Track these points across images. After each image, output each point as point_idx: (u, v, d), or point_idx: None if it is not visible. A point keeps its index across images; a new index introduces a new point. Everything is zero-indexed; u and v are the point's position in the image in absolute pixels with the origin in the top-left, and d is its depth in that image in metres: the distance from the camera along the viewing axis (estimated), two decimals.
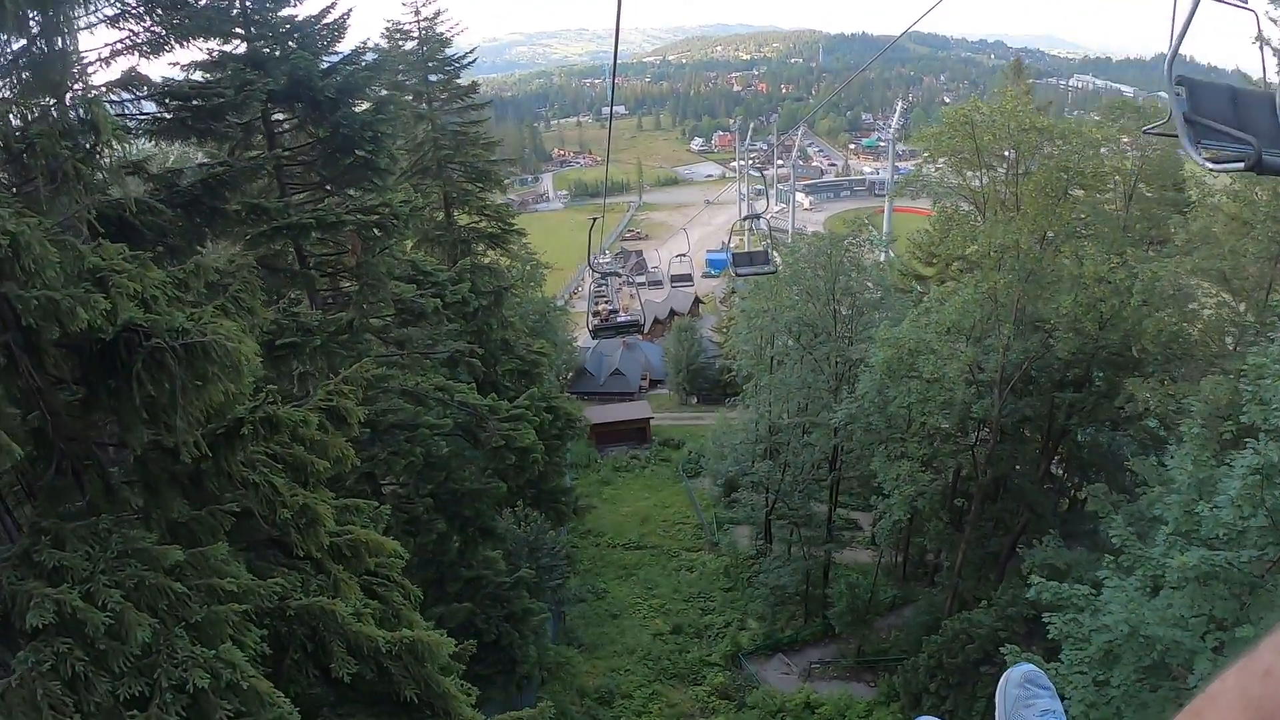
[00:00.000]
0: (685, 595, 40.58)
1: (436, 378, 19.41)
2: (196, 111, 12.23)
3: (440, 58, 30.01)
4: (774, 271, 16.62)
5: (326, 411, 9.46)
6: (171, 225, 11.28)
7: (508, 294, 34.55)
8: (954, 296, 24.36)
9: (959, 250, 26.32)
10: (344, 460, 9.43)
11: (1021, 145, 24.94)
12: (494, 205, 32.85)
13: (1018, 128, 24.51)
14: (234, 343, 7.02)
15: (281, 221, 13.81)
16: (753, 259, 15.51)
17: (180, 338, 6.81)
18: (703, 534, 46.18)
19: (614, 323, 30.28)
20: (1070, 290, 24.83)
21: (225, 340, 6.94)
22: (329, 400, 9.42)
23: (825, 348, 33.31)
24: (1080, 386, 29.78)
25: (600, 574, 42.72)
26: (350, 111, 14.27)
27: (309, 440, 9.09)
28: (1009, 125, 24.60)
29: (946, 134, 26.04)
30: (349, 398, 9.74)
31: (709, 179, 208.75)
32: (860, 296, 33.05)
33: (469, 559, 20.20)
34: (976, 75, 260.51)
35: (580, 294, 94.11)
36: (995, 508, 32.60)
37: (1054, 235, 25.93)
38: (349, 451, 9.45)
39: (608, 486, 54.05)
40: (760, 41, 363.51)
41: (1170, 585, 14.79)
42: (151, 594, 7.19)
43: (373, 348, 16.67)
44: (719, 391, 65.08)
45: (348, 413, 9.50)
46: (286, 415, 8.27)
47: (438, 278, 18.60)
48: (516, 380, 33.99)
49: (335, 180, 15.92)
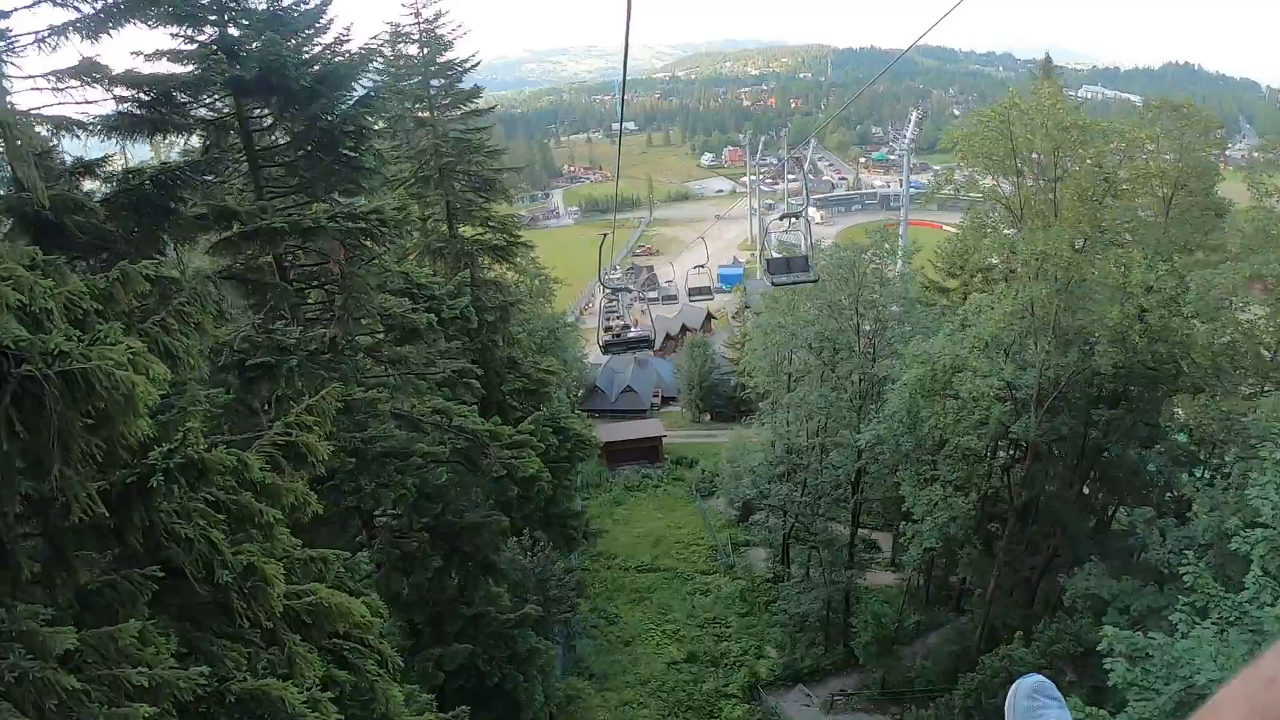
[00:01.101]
0: (700, 620, 39.05)
1: (435, 399, 17.81)
2: (152, 102, 10.69)
3: (442, 61, 28.55)
4: (815, 280, 14.83)
5: (284, 448, 7.82)
6: (116, 229, 9.70)
7: (514, 309, 33.04)
8: (993, 309, 22.60)
9: (994, 258, 24.59)
10: (304, 505, 7.78)
11: (1062, 145, 23.25)
12: (499, 216, 31.26)
13: (1057, 126, 22.84)
14: (124, 370, 5.38)
15: (251, 225, 12.27)
16: (790, 266, 13.75)
17: (56, 363, 5.19)
18: (717, 556, 44.61)
19: (625, 338, 29.04)
20: (1115, 300, 23.16)
21: (113, 368, 5.30)
22: (286, 434, 7.78)
23: (849, 364, 31.58)
24: (1116, 402, 28.19)
25: (612, 598, 41.11)
26: (329, 104, 12.74)
27: (259, 484, 7.45)
28: (1047, 123, 22.92)
29: (980, 133, 24.34)
30: (312, 431, 8.11)
31: (719, 194, 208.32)
32: (884, 310, 31.30)
33: (469, 596, 18.50)
34: (986, 88, 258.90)
35: (591, 310, 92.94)
36: (1028, 531, 30.87)
37: (1094, 242, 24.23)
38: (309, 496, 7.79)
39: (619, 506, 52.58)
40: (769, 57, 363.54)
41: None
42: (37, 690, 5.55)
43: (360, 368, 15.12)
44: (732, 409, 64.18)
45: (309, 449, 7.88)
46: (217, 459, 6.65)
47: (433, 291, 16.99)
48: (524, 400, 32.46)
49: (319, 183, 14.37)
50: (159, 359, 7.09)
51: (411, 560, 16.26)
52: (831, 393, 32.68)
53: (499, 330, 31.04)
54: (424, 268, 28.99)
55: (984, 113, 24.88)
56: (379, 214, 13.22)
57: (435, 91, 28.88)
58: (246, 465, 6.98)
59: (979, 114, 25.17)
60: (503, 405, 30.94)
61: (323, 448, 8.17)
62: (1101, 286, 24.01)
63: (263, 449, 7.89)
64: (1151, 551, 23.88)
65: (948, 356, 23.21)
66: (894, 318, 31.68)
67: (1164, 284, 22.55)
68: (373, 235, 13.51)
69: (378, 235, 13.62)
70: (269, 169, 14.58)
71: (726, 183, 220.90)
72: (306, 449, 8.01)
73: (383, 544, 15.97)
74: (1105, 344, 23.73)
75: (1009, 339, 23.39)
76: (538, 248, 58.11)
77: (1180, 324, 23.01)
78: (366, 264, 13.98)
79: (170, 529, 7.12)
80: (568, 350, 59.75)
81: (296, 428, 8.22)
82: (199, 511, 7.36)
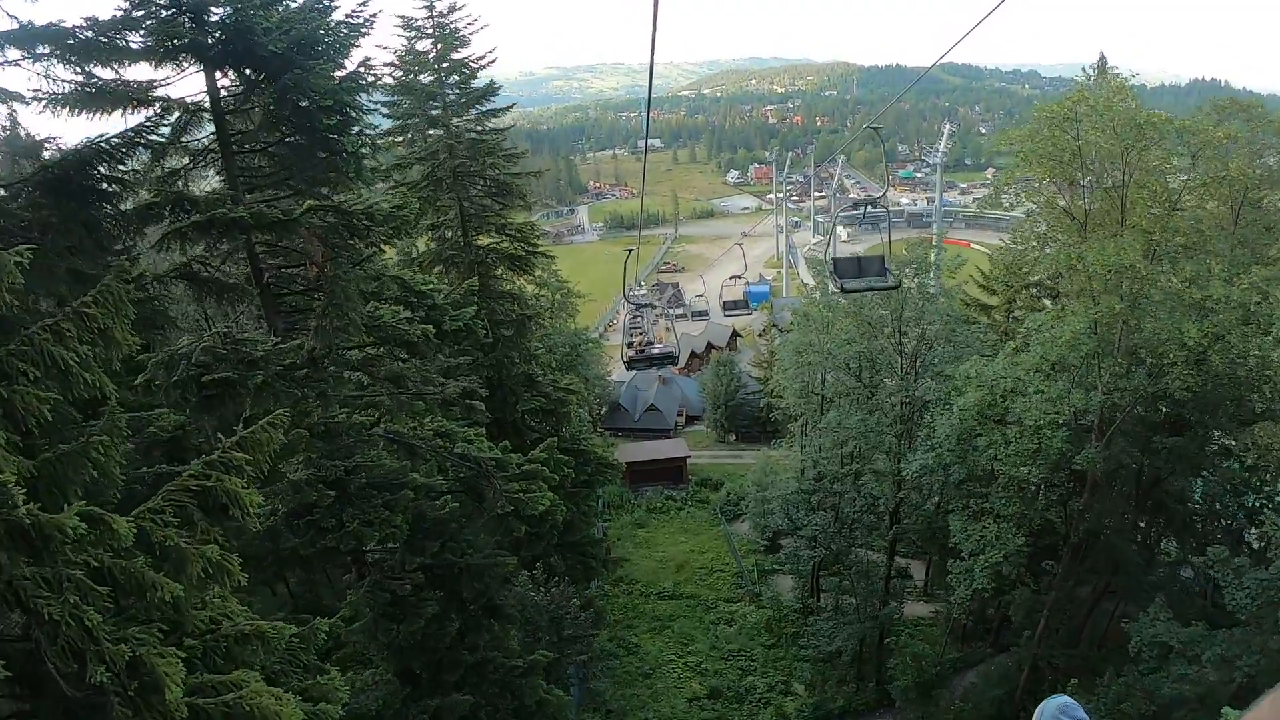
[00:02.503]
0: (724, 652, 37.19)
1: (438, 421, 15.85)
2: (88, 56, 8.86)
3: (456, 58, 26.75)
4: (895, 287, 12.61)
5: (199, 495, 5.85)
6: (31, 216, 7.82)
7: (532, 324, 31.13)
8: (1061, 326, 20.30)
9: (1057, 271, 22.28)
10: (222, 574, 5.80)
11: (1134, 145, 21.01)
12: (517, 224, 29.34)
13: (1129, 123, 20.61)
14: None
15: (206, 215, 10.39)
16: (863, 268, 11.63)
17: None
18: (742, 583, 42.88)
19: (649, 354, 27.42)
20: (1191, 316, 20.89)
21: None
22: (203, 478, 5.81)
23: (890, 386, 29.36)
24: (1177, 429, 25.92)
25: (632, 626, 39.38)
26: (303, 76, 10.89)
27: (160, 546, 5.47)
28: (1116, 119, 20.70)
29: (1044, 131, 22.10)
30: (241, 472, 6.14)
31: (745, 211, 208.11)
32: (928, 328, 29.05)
33: (472, 641, 16.42)
34: (1011, 105, 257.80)
35: (615, 326, 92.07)
36: (1081, 567, 28.56)
37: (1161, 253, 21.92)
38: (228, 560, 5.81)
39: (641, 529, 51.17)
40: (794, 74, 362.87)
41: None
42: None
43: (345, 386, 13.19)
44: (758, 429, 63.21)
45: (232, 498, 5.89)
46: (58, 524, 4.68)
47: (434, 300, 15.00)
48: (541, 420, 30.54)
49: (299, 172, 12.50)
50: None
51: (404, 605, 14.24)
52: (870, 416, 30.56)
53: (515, 345, 29.20)
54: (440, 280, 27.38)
55: (1047, 108, 22.63)
56: (364, 207, 11.34)
57: (449, 89, 27.06)
58: (113, 530, 5.02)
59: (1041, 109, 22.91)
60: (518, 426, 29.07)
61: (252, 495, 6.20)
62: (1173, 301, 21.73)
63: (171, 497, 5.93)
64: (1229, 594, 21.62)
65: (1008, 379, 20.96)
66: (937, 337, 29.44)
67: (1246, 298, 20.25)
68: (359, 233, 11.62)
69: (365, 233, 11.73)
70: (244, 156, 12.73)
71: (752, 200, 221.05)
72: (228, 497, 6.04)
73: (371, 587, 13.97)
74: (1180, 365, 21.39)
75: (1076, 360, 21.08)
76: (562, 263, 57.06)
77: (1264, 344, 20.69)
78: (353, 266, 12.08)
79: (30, 604, 5.15)
80: (590, 367, 58.32)
81: (220, 468, 6.25)
82: (74, 583, 5.38)
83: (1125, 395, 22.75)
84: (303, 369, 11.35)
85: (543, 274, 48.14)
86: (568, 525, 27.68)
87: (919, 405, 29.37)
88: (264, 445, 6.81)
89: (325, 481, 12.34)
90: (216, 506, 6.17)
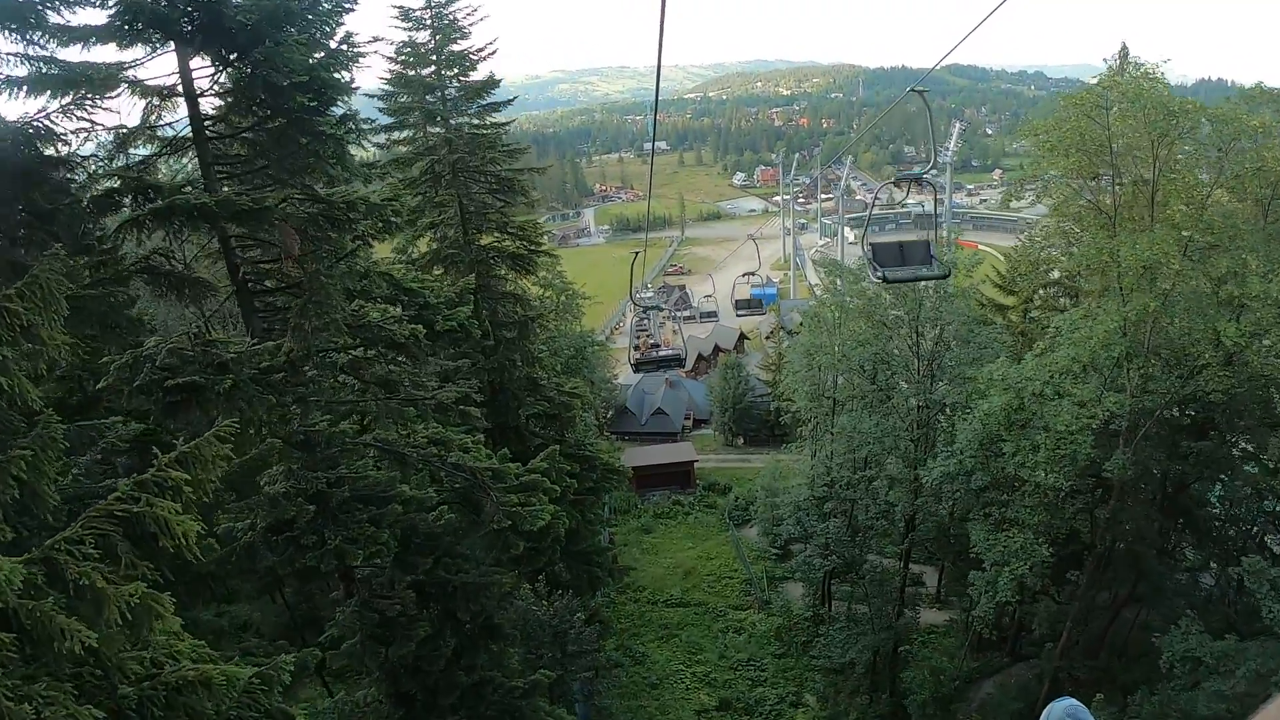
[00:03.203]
0: (733, 662, 36.23)
1: (432, 428, 14.84)
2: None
3: (456, 50, 25.77)
4: (944, 276, 11.21)
5: (124, 523, 4.85)
6: None
7: (535, 325, 30.18)
8: (1093, 325, 19.20)
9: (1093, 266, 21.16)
10: (148, 616, 4.80)
11: (1168, 133, 19.92)
12: (519, 222, 28.37)
13: (1162, 110, 19.52)
14: None
15: (165, 202, 9.41)
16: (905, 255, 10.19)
17: None
18: (751, 590, 41.88)
19: (655, 356, 26.73)
20: (1226, 314, 19.83)
21: None
22: (129, 502, 4.82)
23: (909, 389, 28.29)
24: (1203, 433, 24.93)
25: (639, 634, 38.36)
26: (275, 50, 9.88)
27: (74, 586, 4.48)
28: (1148, 106, 19.61)
29: (1071, 119, 20.98)
30: (178, 492, 5.15)
31: (751, 214, 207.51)
32: (946, 329, 27.97)
33: (469, 661, 15.40)
34: (1018, 106, 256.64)
35: (621, 329, 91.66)
36: (1104, 575, 27.55)
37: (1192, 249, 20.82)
38: (157, 600, 4.81)
39: (648, 535, 50.20)
40: (800, 77, 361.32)
41: None
42: None
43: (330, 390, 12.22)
44: (767, 433, 62.58)
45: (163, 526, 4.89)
46: None
47: (426, 298, 13.97)
48: (545, 425, 29.60)
49: (281, 161, 11.52)
50: None
51: (393, 627, 13.23)
52: (885, 420, 29.52)
53: (518, 348, 28.26)
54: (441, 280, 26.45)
55: (1075, 96, 21.51)
56: (348, 199, 10.35)
57: (448, 81, 26.08)
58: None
59: (1068, 97, 21.78)
60: (521, 431, 28.14)
61: (187, 523, 5.20)
62: (1206, 299, 20.66)
63: (93, 524, 4.94)
64: (1265, 606, 20.66)
65: (1037, 382, 19.87)
66: (955, 338, 28.37)
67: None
68: (340, 225, 10.64)
69: (347, 225, 10.75)
70: (220, 143, 11.74)
71: (759, 202, 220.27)
72: (159, 525, 5.05)
73: (359, 606, 12.97)
74: (1214, 366, 20.31)
75: (1108, 362, 20.00)
76: (568, 266, 56.34)
77: None
78: (336, 261, 11.10)
79: None
80: (596, 371, 57.52)
81: (154, 488, 5.27)
82: None
83: (1155, 398, 21.70)
84: (280, 372, 10.39)
85: (547, 275, 47.31)
86: (573, 534, 26.75)
87: (936, 409, 28.33)
88: (208, 462, 5.84)
89: (305, 495, 11.37)
90: (146, 535, 5.21)
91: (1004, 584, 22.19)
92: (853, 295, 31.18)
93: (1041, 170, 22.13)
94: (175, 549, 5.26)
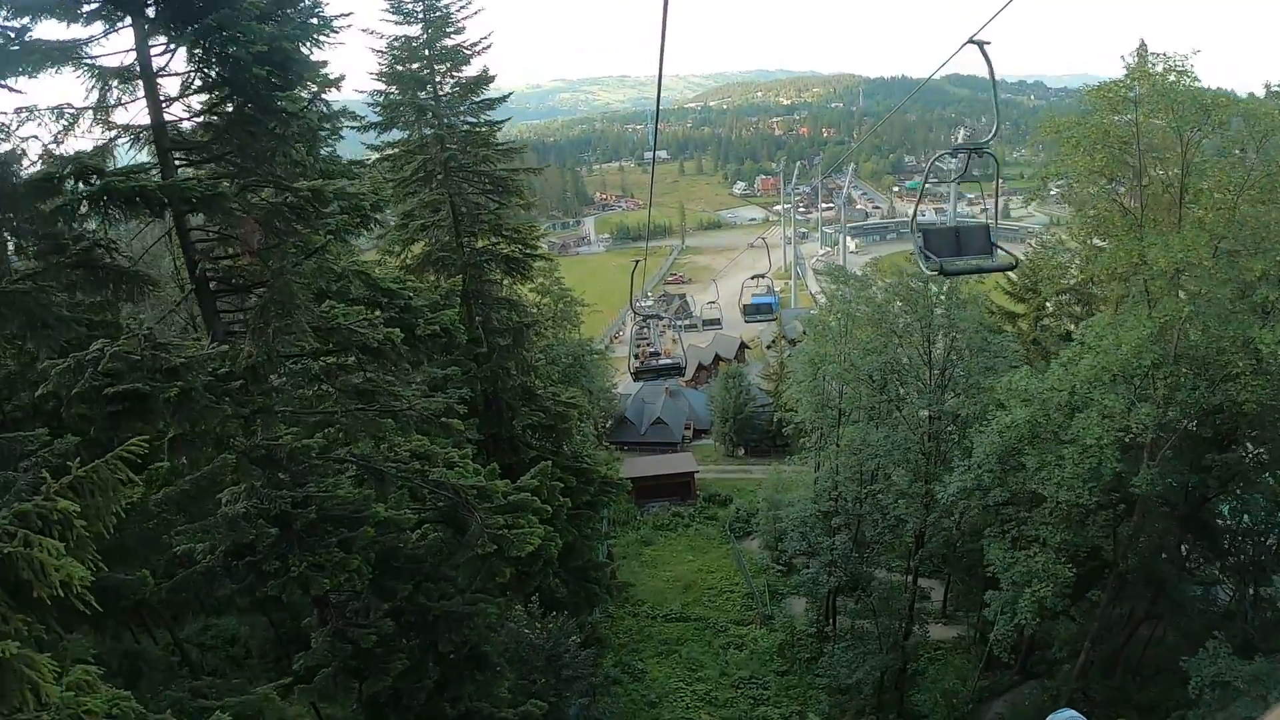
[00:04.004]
0: (734, 679, 35.05)
1: (415, 441, 13.66)
2: None
3: (449, 45, 24.70)
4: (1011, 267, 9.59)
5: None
6: None
7: (531, 333, 29.05)
8: (1125, 332, 18.04)
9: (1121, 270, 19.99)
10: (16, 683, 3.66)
11: (1201, 128, 18.86)
12: (514, 224, 27.27)
13: (1194, 104, 18.43)
14: None
15: (101, 184, 8.26)
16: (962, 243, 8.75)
17: None
18: (753, 604, 40.75)
19: (654, 364, 25.96)
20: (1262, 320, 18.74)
21: None
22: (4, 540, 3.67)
23: (921, 400, 27.14)
24: (1225, 445, 23.91)
25: (638, 650, 37.22)
26: (232, 15, 8.74)
27: None
28: (1179, 99, 18.53)
29: (1096, 113, 19.87)
30: (67, 528, 4.01)
31: (752, 222, 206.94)
32: (960, 337, 26.85)
33: (454, 692, 14.17)
34: (1018, 116, 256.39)
35: (621, 338, 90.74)
36: (1122, 593, 26.49)
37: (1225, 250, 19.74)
38: (29, 663, 3.67)
39: (648, 547, 49.15)
40: (800, 86, 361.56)
41: None
42: None
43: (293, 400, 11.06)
44: (768, 443, 61.35)
45: (38, 572, 3.74)
46: None
47: (407, 300, 12.69)
48: (541, 436, 28.49)
49: (244, 147, 10.36)
50: None
51: (368, 659, 12.00)
52: (894, 432, 28.43)
53: (512, 356, 27.14)
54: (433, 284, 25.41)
55: (1103, 88, 20.34)
56: (313, 187, 9.19)
57: (439, 76, 25.00)
58: None
59: (1094, 90, 20.57)
60: (515, 442, 27.03)
61: (71, 566, 4.08)
62: (1239, 304, 19.56)
63: None
64: None
65: (1063, 393, 18.72)
66: (969, 346, 27.26)
67: None
68: (306, 217, 9.50)
69: (312, 217, 9.60)
70: (180, 129, 10.62)
71: (759, 211, 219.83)
72: (32, 570, 3.92)
73: (331, 635, 11.75)
74: (1248, 375, 19.21)
75: (1139, 370, 18.86)
76: (569, 275, 55.45)
77: None
78: (304, 258, 9.96)
79: None
80: (595, 380, 56.53)
81: (36, 523, 4.14)
82: None
83: (1182, 408, 20.55)
84: (238, 380, 9.25)
85: (544, 281, 46.34)
86: (570, 550, 25.64)
87: (949, 420, 27.21)
88: (107, 488, 4.74)
89: (267, 516, 10.19)
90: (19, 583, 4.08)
91: (1025, 606, 21.02)
92: (859, 302, 30.30)
93: (1065, 168, 20.95)
94: (53, 599, 4.13)
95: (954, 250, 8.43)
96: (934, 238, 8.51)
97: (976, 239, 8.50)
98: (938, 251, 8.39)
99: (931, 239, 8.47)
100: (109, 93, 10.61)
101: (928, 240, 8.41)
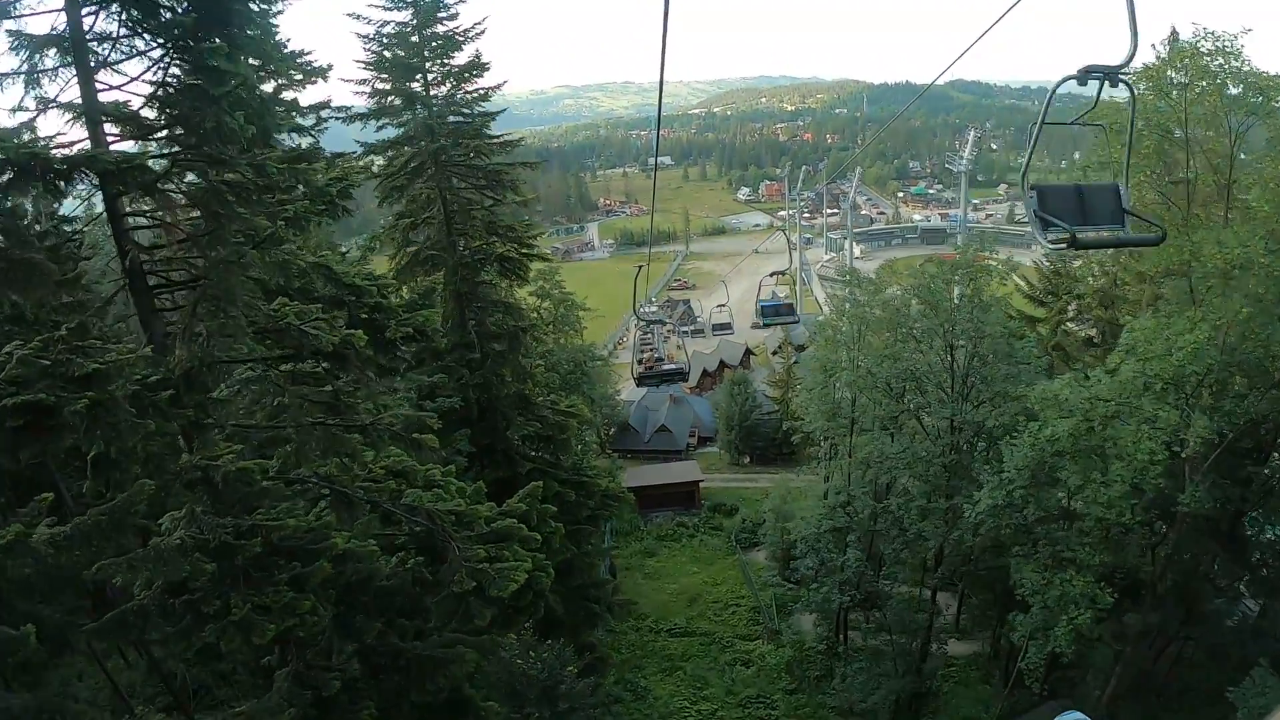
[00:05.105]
0: (741, 698, 33.78)
1: (391, 457, 12.11)
2: None
3: (440, 31, 23.24)
4: (1159, 240, 7.22)
5: None
6: None
7: (528, 337, 27.57)
8: (1179, 336, 16.39)
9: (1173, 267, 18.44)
10: None
11: (1256, 112, 17.34)
12: (509, 222, 25.79)
13: (1246, 85, 16.91)
14: None
15: None
16: (1086, 206, 6.54)
17: None
18: (760, 618, 39.51)
19: (658, 370, 24.88)
20: None
21: None
22: None
23: (944, 410, 25.50)
24: (1265, 456, 23.07)
25: (641, 666, 36.07)
26: None
27: None
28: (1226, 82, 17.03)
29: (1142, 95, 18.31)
30: None
31: (756, 228, 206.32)
32: (984, 343, 25.23)
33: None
34: (1023, 121, 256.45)
35: (625, 344, 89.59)
36: (1156, 617, 24.96)
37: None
38: None
39: (651, 558, 48.07)
40: (804, 93, 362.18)
41: None
42: None
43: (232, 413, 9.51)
44: (775, 451, 60.61)
45: None
46: None
47: (378, 299, 11.04)
48: (538, 447, 27.05)
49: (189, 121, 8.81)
50: None
51: (330, 708, 10.36)
52: (913, 443, 26.86)
53: (507, 362, 25.64)
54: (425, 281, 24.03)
55: (1145, 69, 18.78)
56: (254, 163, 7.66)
57: (430, 63, 23.54)
58: None
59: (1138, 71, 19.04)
60: (510, 454, 25.54)
61: None
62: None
63: None
64: None
65: (1111, 403, 17.11)
66: (993, 352, 25.68)
67: None
68: (246, 197, 7.95)
69: (256, 199, 8.06)
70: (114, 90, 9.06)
71: (763, 217, 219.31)
72: None
73: (289, 679, 10.16)
74: None
75: (1193, 377, 17.28)
76: (572, 280, 54.13)
77: None
78: (250, 247, 8.40)
79: None
80: (597, 386, 55.10)
81: None
82: None
83: (1230, 418, 18.96)
84: (165, 389, 7.76)
85: (544, 284, 44.96)
86: (569, 568, 24.19)
87: (972, 431, 25.59)
88: None
89: (205, 549, 8.60)
90: None
91: (1062, 633, 19.33)
92: (873, 305, 28.84)
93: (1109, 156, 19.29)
94: None
95: (1077, 215, 6.58)
96: (1052, 198, 6.60)
97: (1104, 202, 6.66)
98: (1060, 217, 6.53)
99: (1049, 199, 6.56)
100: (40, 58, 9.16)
101: (1043, 201, 6.49)
